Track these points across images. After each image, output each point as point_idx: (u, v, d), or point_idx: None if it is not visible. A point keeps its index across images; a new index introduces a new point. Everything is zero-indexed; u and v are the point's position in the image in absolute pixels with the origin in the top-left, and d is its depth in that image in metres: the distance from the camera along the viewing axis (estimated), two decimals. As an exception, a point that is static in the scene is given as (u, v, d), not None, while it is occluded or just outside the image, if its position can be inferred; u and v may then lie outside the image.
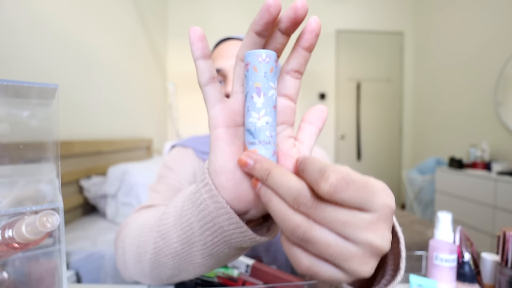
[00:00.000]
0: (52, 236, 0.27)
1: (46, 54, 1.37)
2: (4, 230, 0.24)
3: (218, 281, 0.43)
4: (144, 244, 0.36)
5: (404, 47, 3.48)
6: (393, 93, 3.52)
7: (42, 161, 0.33)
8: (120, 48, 2.16)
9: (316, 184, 0.18)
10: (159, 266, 0.34)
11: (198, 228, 0.27)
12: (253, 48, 0.23)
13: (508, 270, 0.49)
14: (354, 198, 0.18)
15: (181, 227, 0.30)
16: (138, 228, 0.39)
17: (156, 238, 0.34)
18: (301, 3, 0.21)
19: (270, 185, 0.20)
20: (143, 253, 0.36)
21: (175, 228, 0.31)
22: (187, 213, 0.29)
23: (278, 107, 0.25)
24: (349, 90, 3.47)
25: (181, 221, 0.30)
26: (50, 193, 0.30)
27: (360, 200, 0.18)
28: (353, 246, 0.18)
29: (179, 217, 0.30)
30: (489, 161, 2.17)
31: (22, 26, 1.22)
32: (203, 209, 0.26)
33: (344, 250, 0.18)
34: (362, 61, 3.48)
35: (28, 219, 0.24)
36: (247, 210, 0.25)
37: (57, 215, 0.25)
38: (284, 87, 0.25)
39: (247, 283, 0.43)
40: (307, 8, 0.21)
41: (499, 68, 2.28)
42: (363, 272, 0.18)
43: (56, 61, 1.44)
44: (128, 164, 1.68)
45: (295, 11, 0.21)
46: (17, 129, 0.32)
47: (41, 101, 0.32)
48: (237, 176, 0.24)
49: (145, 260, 0.36)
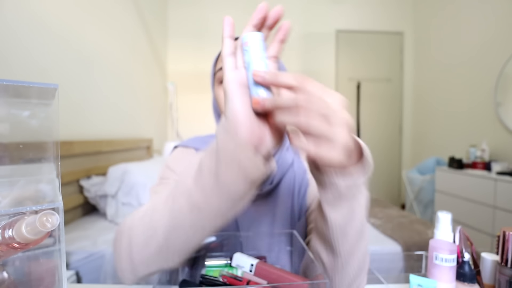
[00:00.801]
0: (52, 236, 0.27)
1: (47, 54, 1.37)
2: (4, 230, 0.24)
3: (222, 280, 0.43)
4: (159, 216, 0.37)
5: (404, 47, 3.48)
6: (393, 93, 3.52)
7: (42, 161, 0.33)
8: (120, 48, 2.16)
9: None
10: (174, 231, 0.36)
11: (219, 168, 0.32)
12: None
13: (507, 270, 0.49)
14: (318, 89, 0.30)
15: (201, 178, 0.34)
16: (147, 209, 0.40)
17: (175, 197, 0.36)
18: (279, 9, 0.33)
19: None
20: (156, 227, 0.37)
21: (195, 181, 0.35)
22: (206, 163, 0.34)
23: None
24: (349, 90, 3.47)
25: (201, 173, 0.34)
26: (50, 193, 0.30)
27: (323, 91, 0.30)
28: (334, 121, 0.28)
29: (197, 172, 0.35)
30: (489, 161, 2.17)
31: (23, 26, 1.22)
32: (223, 148, 0.32)
33: (328, 127, 0.28)
34: (362, 61, 3.47)
35: (28, 219, 0.24)
36: (257, 146, 0.33)
37: (57, 215, 0.25)
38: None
39: (251, 283, 0.43)
40: (282, 12, 0.34)
41: (499, 68, 2.28)
42: (343, 138, 0.28)
43: (56, 61, 1.44)
44: (128, 164, 1.68)
45: (277, 13, 0.34)
46: (17, 129, 0.32)
47: (41, 101, 0.32)
48: (251, 116, 0.32)
49: (159, 233, 0.36)
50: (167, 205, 0.37)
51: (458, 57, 2.74)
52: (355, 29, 3.43)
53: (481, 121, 2.47)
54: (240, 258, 0.46)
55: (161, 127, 3.15)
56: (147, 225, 0.38)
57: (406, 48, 3.48)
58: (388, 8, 3.45)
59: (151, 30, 2.77)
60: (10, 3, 1.16)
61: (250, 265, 0.44)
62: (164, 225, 0.36)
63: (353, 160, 0.34)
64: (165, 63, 3.24)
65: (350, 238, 0.38)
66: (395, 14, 3.46)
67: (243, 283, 0.42)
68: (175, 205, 0.36)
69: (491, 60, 2.37)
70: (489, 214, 1.95)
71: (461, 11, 2.71)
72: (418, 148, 3.40)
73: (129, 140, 2.20)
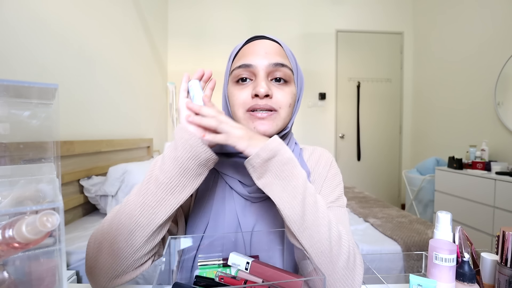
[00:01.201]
0: (52, 235, 0.27)
1: (47, 54, 1.37)
2: (4, 230, 0.25)
3: (219, 280, 0.44)
4: (132, 200, 0.46)
5: (404, 47, 3.48)
6: (393, 93, 3.52)
7: (42, 161, 0.33)
8: (120, 48, 2.16)
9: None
10: (143, 208, 0.45)
11: (177, 152, 0.45)
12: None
13: (507, 270, 0.50)
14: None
15: (164, 164, 0.46)
16: (123, 203, 0.49)
17: (144, 183, 0.47)
18: (210, 71, 0.54)
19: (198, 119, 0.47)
20: (127, 211, 0.45)
21: (159, 168, 0.46)
22: (168, 154, 0.46)
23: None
24: (349, 90, 3.48)
25: (164, 161, 0.46)
26: (50, 193, 0.30)
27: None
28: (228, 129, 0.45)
29: (161, 161, 0.47)
30: (489, 161, 2.17)
31: (23, 26, 1.22)
32: (180, 137, 0.46)
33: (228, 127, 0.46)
34: (362, 61, 3.48)
35: (29, 218, 0.24)
36: (200, 138, 0.46)
37: (57, 215, 0.25)
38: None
39: (248, 282, 0.44)
40: (211, 72, 0.54)
41: (499, 68, 2.28)
42: (236, 133, 0.45)
43: (57, 61, 1.44)
44: (128, 164, 1.68)
45: (209, 72, 0.54)
46: (18, 129, 0.32)
47: (42, 101, 0.32)
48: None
49: (131, 214, 0.45)
50: (139, 191, 0.47)
51: (458, 57, 2.75)
52: (355, 29, 3.43)
53: (481, 121, 2.47)
54: (236, 257, 0.47)
55: (161, 127, 3.15)
56: (117, 210, 0.47)
57: (406, 48, 3.48)
58: (387, 8, 3.45)
59: (151, 30, 2.77)
60: (11, 3, 1.16)
61: (246, 263, 0.46)
62: (135, 204, 0.45)
63: (252, 148, 0.46)
64: (165, 63, 3.24)
65: (288, 207, 0.45)
66: (395, 14, 3.46)
67: (240, 283, 0.43)
68: (144, 189, 0.46)
69: (491, 60, 2.37)
70: (489, 214, 1.95)
71: (461, 11, 2.71)
72: (418, 148, 3.40)
73: (129, 140, 2.20)
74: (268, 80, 0.54)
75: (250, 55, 0.54)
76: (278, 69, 0.54)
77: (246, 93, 0.54)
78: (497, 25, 2.33)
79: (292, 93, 0.56)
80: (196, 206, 0.59)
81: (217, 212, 0.57)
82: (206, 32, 3.30)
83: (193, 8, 3.30)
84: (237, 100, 0.54)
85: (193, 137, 0.45)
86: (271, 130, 0.53)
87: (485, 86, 2.42)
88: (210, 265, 0.50)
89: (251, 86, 0.54)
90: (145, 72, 2.69)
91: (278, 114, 0.54)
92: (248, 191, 0.57)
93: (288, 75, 0.55)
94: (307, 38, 3.39)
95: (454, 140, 2.78)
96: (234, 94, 0.55)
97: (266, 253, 0.56)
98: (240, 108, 0.54)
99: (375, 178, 3.54)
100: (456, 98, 2.77)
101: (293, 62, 0.58)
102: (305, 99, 3.41)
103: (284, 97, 0.54)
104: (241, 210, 0.57)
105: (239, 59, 0.56)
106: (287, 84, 0.55)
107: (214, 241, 0.55)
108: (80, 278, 1.16)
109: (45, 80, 1.36)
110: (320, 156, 0.64)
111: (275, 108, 0.53)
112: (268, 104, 0.52)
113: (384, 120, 3.53)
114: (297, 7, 3.37)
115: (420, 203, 2.73)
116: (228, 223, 0.57)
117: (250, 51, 0.55)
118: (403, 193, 3.46)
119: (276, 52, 0.55)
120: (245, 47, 0.56)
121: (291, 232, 0.46)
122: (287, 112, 0.55)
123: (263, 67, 0.53)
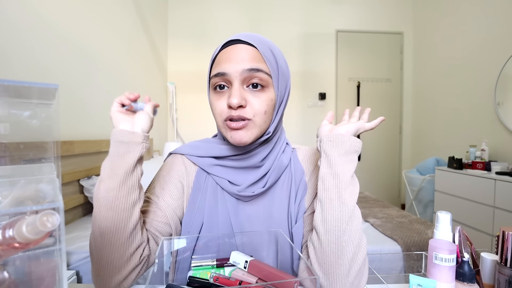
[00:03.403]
0: (53, 235, 0.27)
1: (47, 54, 1.37)
2: (4, 230, 0.25)
3: (214, 281, 0.45)
4: (97, 201, 0.50)
5: (404, 47, 3.48)
6: (393, 93, 3.52)
7: (42, 161, 0.33)
8: (120, 48, 2.16)
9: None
10: (109, 199, 0.49)
11: (120, 151, 0.51)
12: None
13: (507, 270, 0.50)
14: None
15: (111, 156, 0.51)
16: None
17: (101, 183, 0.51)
18: (148, 96, 0.61)
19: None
20: (96, 213, 0.50)
21: (107, 160, 0.52)
22: (111, 148, 0.52)
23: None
24: (349, 90, 3.47)
25: (111, 153, 0.51)
26: (51, 193, 0.30)
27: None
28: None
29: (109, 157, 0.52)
30: (489, 161, 2.17)
31: (24, 26, 1.22)
32: (120, 137, 0.51)
33: None
34: (362, 61, 3.48)
35: (29, 218, 0.24)
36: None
37: (58, 215, 0.25)
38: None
39: (243, 283, 0.45)
40: (148, 97, 0.61)
41: (499, 68, 2.28)
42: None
43: (57, 61, 1.44)
44: (128, 164, 1.68)
45: (147, 96, 0.61)
46: (18, 129, 0.32)
47: (42, 101, 0.32)
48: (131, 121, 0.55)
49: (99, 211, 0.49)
50: (98, 189, 0.51)
51: (458, 57, 2.74)
52: (355, 29, 3.43)
53: (481, 121, 2.47)
54: (237, 256, 0.50)
55: (161, 127, 3.15)
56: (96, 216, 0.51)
57: (406, 48, 3.48)
58: (387, 8, 3.45)
59: (151, 30, 2.77)
60: (12, 3, 1.16)
61: (245, 261, 0.48)
62: (102, 199, 0.49)
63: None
64: (165, 63, 3.24)
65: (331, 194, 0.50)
66: (395, 14, 3.46)
67: (235, 283, 0.44)
68: (103, 186, 0.50)
69: (491, 60, 2.37)
70: (489, 214, 1.95)
71: (461, 11, 2.71)
72: (418, 148, 3.40)
73: (129, 140, 2.20)
74: (243, 87, 0.53)
75: (224, 62, 0.53)
76: (254, 75, 0.52)
77: (223, 102, 0.53)
78: (497, 25, 2.33)
79: (269, 99, 0.54)
80: (190, 208, 0.60)
81: (210, 213, 0.59)
82: (206, 32, 3.30)
83: (193, 8, 3.30)
84: (215, 110, 0.55)
85: (132, 133, 0.53)
86: (246, 139, 0.53)
87: (485, 86, 2.42)
88: (203, 266, 0.51)
89: (227, 95, 0.53)
90: (145, 72, 2.69)
91: (253, 123, 0.53)
92: (238, 190, 0.58)
93: (265, 80, 0.53)
94: (307, 38, 3.39)
95: (454, 140, 2.78)
96: (213, 103, 0.56)
97: (259, 253, 0.56)
98: (218, 117, 0.55)
99: (375, 178, 3.54)
100: (456, 98, 2.77)
101: (272, 64, 0.54)
102: (305, 99, 3.41)
103: (259, 104, 0.53)
104: (233, 210, 0.59)
105: (215, 66, 0.55)
106: (263, 89, 0.53)
107: (208, 242, 0.56)
108: (80, 278, 1.17)
109: (45, 80, 1.36)
110: (314, 155, 0.65)
111: (248, 117, 0.52)
112: (241, 115, 0.52)
113: (384, 120, 3.53)
114: (297, 7, 3.37)
115: (420, 203, 2.73)
116: (222, 223, 0.58)
117: (224, 57, 0.53)
118: (403, 193, 3.46)
119: (251, 57, 0.52)
120: (221, 52, 0.55)
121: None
122: (263, 119, 0.54)
123: (237, 74, 0.52)
